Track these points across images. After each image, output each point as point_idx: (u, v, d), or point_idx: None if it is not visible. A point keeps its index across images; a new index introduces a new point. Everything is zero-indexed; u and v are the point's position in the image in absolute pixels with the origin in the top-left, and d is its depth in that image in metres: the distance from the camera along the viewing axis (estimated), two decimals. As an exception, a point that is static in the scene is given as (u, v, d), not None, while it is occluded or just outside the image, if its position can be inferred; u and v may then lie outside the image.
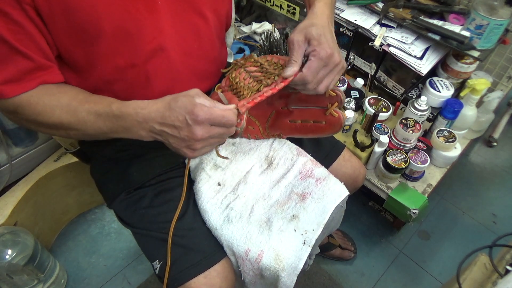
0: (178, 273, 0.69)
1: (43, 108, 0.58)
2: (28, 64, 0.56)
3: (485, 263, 0.70)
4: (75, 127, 0.59)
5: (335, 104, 0.69)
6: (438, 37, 1.08)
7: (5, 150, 1.12)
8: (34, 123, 0.60)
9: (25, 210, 1.17)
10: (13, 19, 0.53)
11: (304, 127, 0.74)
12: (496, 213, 1.47)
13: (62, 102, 0.58)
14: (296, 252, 0.69)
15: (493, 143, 1.68)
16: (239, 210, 0.74)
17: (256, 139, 0.80)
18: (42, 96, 0.58)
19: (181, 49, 0.68)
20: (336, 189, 0.75)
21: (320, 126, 0.72)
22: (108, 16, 0.58)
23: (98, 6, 0.56)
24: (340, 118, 0.70)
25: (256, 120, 0.79)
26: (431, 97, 1.16)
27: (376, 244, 1.39)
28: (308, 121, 0.74)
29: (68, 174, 1.28)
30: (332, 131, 0.72)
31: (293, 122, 0.75)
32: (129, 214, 0.76)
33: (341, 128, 0.71)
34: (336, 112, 0.70)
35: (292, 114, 0.75)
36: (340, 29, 1.26)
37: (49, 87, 0.59)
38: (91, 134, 0.60)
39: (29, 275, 1.09)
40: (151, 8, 0.61)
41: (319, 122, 0.72)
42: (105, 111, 0.57)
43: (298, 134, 0.76)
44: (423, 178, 1.22)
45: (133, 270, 1.31)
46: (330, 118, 0.71)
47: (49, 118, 0.58)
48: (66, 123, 0.58)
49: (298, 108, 0.74)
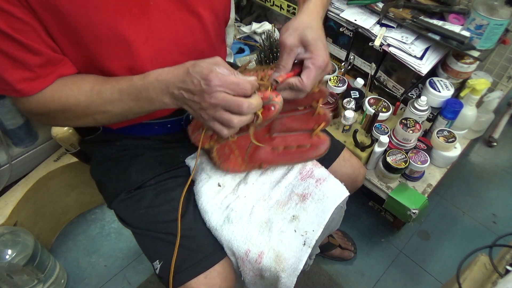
0: (178, 273, 0.69)
1: (67, 99, 0.59)
2: (41, 59, 0.56)
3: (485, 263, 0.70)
4: (102, 110, 0.59)
5: (322, 125, 0.66)
6: (438, 37, 1.08)
7: (5, 150, 1.12)
8: (63, 118, 0.61)
9: (25, 210, 1.17)
10: (16, 16, 0.53)
11: (287, 153, 0.70)
12: (496, 213, 1.47)
13: (84, 89, 0.59)
14: (296, 253, 0.69)
15: (493, 143, 1.68)
16: (239, 210, 0.74)
17: (234, 172, 0.74)
18: (62, 88, 0.59)
19: (177, 49, 0.67)
20: (336, 189, 0.75)
21: (304, 150, 0.68)
22: (101, 19, 0.57)
23: (91, 10, 0.56)
24: (326, 140, 0.66)
25: (236, 149, 0.73)
26: (431, 97, 1.16)
27: (376, 244, 1.39)
28: (291, 147, 0.69)
29: (68, 174, 1.28)
30: (316, 154, 0.67)
31: (275, 150, 0.71)
32: (129, 214, 0.76)
33: (326, 150, 0.66)
34: (322, 134, 0.66)
35: (274, 141, 0.71)
36: (340, 29, 1.26)
37: (66, 80, 0.60)
38: (118, 113, 0.60)
39: (29, 275, 1.09)
40: (144, 9, 0.60)
41: (303, 146, 0.68)
42: (128, 86, 0.57)
43: (280, 162, 0.71)
44: (423, 178, 1.22)
45: (133, 270, 1.31)
46: (315, 140, 0.67)
47: (77, 108, 0.59)
48: (94, 108, 0.59)
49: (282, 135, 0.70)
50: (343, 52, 1.33)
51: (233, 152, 0.73)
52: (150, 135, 0.80)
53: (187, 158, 0.84)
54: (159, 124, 0.78)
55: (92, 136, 0.81)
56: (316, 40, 0.58)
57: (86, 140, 0.84)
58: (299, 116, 0.69)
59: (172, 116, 0.78)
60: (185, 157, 0.84)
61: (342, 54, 1.33)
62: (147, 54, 0.64)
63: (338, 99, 1.24)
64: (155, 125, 0.78)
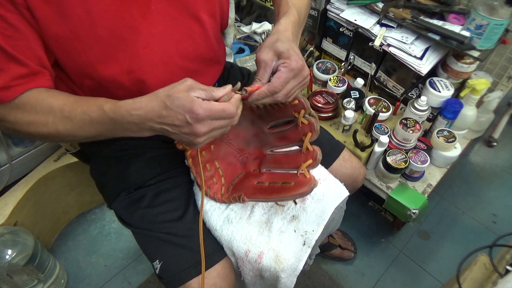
0: (178, 273, 0.70)
1: (36, 117, 0.57)
2: (23, 70, 0.55)
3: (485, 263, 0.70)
4: (72, 134, 0.58)
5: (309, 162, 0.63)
6: (438, 37, 1.08)
7: (5, 150, 1.12)
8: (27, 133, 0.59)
9: (25, 210, 1.17)
10: (10, 23, 0.52)
11: (271, 188, 0.67)
12: (496, 213, 1.47)
13: (54, 108, 0.57)
14: (296, 253, 0.69)
15: (493, 143, 1.68)
16: (239, 211, 0.74)
17: (213, 199, 0.72)
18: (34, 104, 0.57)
19: (177, 53, 0.68)
20: (336, 189, 0.76)
21: (288, 188, 0.64)
22: (102, 21, 0.57)
23: (93, 11, 0.56)
24: (311, 181, 0.62)
25: (223, 176, 0.73)
26: (431, 97, 1.16)
27: (376, 244, 1.39)
28: (276, 183, 0.66)
29: (68, 174, 1.28)
30: (299, 194, 0.62)
31: (260, 184, 0.69)
32: (129, 214, 0.76)
33: (310, 190, 0.61)
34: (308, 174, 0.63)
35: (262, 177, 0.70)
36: (340, 29, 1.26)
37: (39, 94, 0.58)
38: (90, 137, 0.59)
39: (29, 275, 1.09)
40: (145, 13, 0.61)
41: (287, 184, 0.65)
42: (99, 115, 0.55)
43: (261, 196, 0.67)
44: (423, 178, 1.22)
45: (133, 270, 1.31)
46: (300, 179, 0.63)
47: (44, 128, 0.57)
48: (63, 132, 0.57)
49: (271, 171, 0.70)
50: (343, 52, 1.33)
51: (219, 178, 0.73)
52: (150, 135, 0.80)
53: None
54: None
55: None
56: (289, 49, 0.58)
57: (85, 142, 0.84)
58: (292, 154, 0.68)
59: None
60: (184, 157, 0.83)
61: (342, 54, 1.33)
62: (147, 57, 0.64)
63: (338, 99, 1.24)
64: None
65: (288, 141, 0.68)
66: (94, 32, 0.58)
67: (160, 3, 0.62)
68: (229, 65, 0.99)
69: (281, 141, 0.70)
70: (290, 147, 0.69)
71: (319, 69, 1.32)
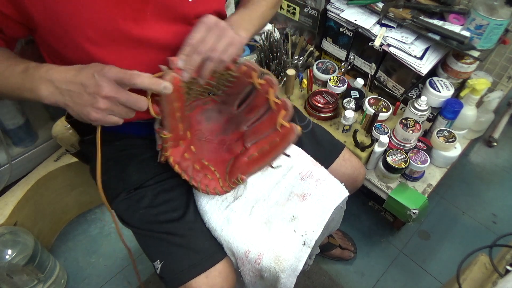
0: (179, 273, 0.70)
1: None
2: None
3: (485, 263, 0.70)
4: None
5: (282, 113, 0.65)
6: (438, 37, 1.08)
7: (5, 150, 1.12)
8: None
9: (25, 210, 1.17)
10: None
11: (261, 155, 0.69)
12: (496, 213, 1.47)
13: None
14: (296, 253, 0.69)
15: (493, 143, 1.68)
16: (239, 211, 0.74)
17: (215, 194, 0.72)
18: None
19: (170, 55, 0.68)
20: (336, 189, 0.76)
21: (275, 144, 0.67)
22: (96, 21, 0.57)
23: (83, 13, 0.56)
24: (293, 127, 0.65)
25: (216, 171, 0.73)
26: (431, 97, 1.16)
27: (376, 244, 1.39)
28: (264, 148, 0.69)
29: (68, 174, 1.28)
30: (287, 143, 0.65)
31: (251, 157, 0.70)
32: (129, 214, 0.76)
33: (295, 137, 0.64)
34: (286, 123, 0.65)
35: (249, 151, 0.71)
36: (340, 29, 1.26)
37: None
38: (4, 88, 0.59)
39: (29, 275, 1.09)
40: (139, 16, 0.61)
41: (273, 142, 0.67)
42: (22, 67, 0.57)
43: (256, 166, 0.70)
44: (423, 178, 1.22)
45: (133, 270, 1.31)
46: (283, 131, 0.66)
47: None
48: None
49: (255, 142, 0.71)
50: (343, 52, 1.32)
51: (213, 173, 0.72)
52: (147, 135, 0.80)
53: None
54: None
55: (91, 136, 0.81)
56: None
57: (85, 140, 0.84)
58: (266, 118, 0.69)
59: None
60: None
61: (342, 54, 1.33)
62: (139, 58, 0.64)
63: (338, 99, 1.24)
64: (152, 124, 0.78)
65: (257, 108, 0.70)
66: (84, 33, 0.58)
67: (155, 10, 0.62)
68: None
69: (251, 113, 0.71)
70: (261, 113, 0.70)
71: (319, 69, 1.32)
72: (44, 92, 0.55)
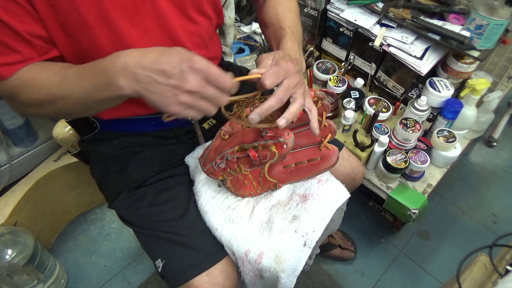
0: (181, 272, 0.70)
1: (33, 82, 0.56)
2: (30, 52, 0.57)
3: (485, 263, 0.70)
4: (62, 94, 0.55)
5: (329, 136, 0.68)
6: (438, 37, 1.08)
7: (5, 150, 1.12)
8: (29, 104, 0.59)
9: (25, 210, 1.17)
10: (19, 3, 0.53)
11: (300, 169, 0.71)
12: (496, 213, 1.47)
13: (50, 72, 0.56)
14: (296, 254, 0.69)
15: (493, 143, 1.68)
16: (240, 211, 0.74)
17: (250, 196, 0.74)
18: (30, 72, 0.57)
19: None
20: (337, 191, 0.75)
21: (315, 164, 0.70)
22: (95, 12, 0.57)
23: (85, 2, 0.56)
24: (335, 150, 0.69)
25: (250, 174, 0.73)
26: (431, 97, 1.16)
27: (376, 244, 1.39)
28: (302, 162, 0.71)
29: (68, 174, 1.28)
30: (329, 165, 0.70)
31: (287, 168, 0.72)
32: (130, 213, 0.76)
33: (337, 160, 0.69)
34: (330, 145, 0.69)
35: (285, 160, 0.72)
36: (340, 29, 1.26)
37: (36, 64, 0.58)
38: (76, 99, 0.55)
39: (29, 275, 1.09)
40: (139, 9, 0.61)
41: (314, 160, 0.70)
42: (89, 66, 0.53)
43: (295, 179, 0.72)
44: (423, 178, 1.22)
45: (133, 270, 1.31)
46: (325, 152, 0.69)
47: (40, 91, 0.56)
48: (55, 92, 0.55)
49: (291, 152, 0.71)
50: (343, 52, 1.33)
51: (247, 178, 0.73)
52: (147, 131, 0.80)
53: (186, 157, 0.84)
54: (156, 119, 0.79)
55: (90, 135, 0.81)
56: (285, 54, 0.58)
57: (84, 140, 0.84)
58: (305, 132, 0.70)
59: None
60: (184, 155, 0.84)
61: (342, 54, 1.33)
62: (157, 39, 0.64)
63: (338, 99, 1.24)
64: (151, 120, 0.78)
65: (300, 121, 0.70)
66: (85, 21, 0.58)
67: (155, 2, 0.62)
68: (227, 63, 0.99)
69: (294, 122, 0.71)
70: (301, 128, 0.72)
71: (319, 69, 1.32)
72: (121, 82, 0.48)
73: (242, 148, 0.64)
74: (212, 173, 0.68)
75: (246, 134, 0.65)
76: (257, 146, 0.62)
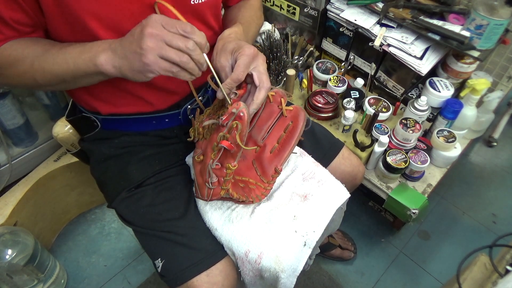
0: (180, 272, 0.70)
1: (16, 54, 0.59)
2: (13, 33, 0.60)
3: (485, 263, 0.70)
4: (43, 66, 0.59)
5: (283, 100, 0.70)
6: (438, 37, 1.08)
7: (5, 150, 1.12)
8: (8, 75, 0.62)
9: (25, 210, 1.17)
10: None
11: (284, 142, 0.71)
12: (496, 213, 1.47)
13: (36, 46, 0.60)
14: (296, 254, 0.69)
15: (493, 143, 1.68)
16: (240, 211, 0.74)
17: (265, 197, 0.74)
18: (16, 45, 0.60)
19: None
20: (337, 191, 0.76)
21: (292, 128, 0.71)
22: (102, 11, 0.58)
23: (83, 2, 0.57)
24: (297, 107, 0.71)
25: (249, 178, 0.73)
26: (431, 97, 1.16)
27: (376, 244, 1.39)
28: (281, 136, 0.71)
29: (68, 174, 1.28)
30: (303, 121, 0.71)
31: (274, 150, 0.72)
32: (130, 213, 0.76)
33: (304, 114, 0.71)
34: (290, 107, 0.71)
35: (268, 146, 0.71)
36: (340, 29, 1.26)
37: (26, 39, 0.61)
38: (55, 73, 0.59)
39: (29, 275, 1.09)
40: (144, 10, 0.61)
41: (288, 127, 0.71)
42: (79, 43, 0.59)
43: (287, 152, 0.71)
44: (423, 178, 1.21)
45: (133, 270, 1.32)
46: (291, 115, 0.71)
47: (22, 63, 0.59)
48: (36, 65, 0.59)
49: (266, 136, 0.72)
50: (343, 52, 1.33)
51: (248, 182, 0.73)
52: (148, 131, 0.80)
53: (187, 157, 0.84)
54: (157, 119, 0.79)
55: (91, 134, 0.81)
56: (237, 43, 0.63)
57: (85, 139, 0.84)
58: (264, 113, 0.72)
59: (170, 110, 0.78)
60: (184, 155, 0.84)
61: (342, 54, 1.33)
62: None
63: (338, 99, 1.24)
64: (152, 119, 0.78)
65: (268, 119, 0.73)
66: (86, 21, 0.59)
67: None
68: None
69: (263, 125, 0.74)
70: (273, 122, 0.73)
71: (319, 69, 1.32)
72: (101, 58, 0.55)
73: (214, 148, 0.65)
74: (212, 194, 0.69)
75: (211, 140, 0.68)
76: (224, 135, 0.62)
